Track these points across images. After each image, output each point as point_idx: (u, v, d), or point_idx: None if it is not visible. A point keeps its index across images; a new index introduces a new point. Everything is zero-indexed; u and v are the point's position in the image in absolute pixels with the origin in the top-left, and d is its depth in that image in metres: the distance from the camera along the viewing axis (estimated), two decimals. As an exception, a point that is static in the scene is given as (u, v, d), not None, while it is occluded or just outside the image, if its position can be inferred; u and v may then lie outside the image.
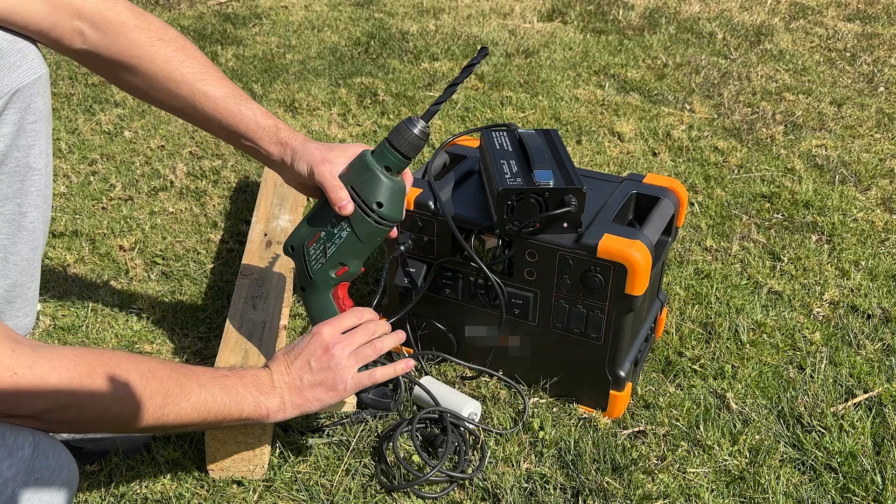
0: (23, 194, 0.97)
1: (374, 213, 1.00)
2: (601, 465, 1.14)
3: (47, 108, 0.98)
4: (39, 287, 1.06)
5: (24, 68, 0.91)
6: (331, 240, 1.02)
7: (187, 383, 0.88)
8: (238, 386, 0.94)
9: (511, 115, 2.38)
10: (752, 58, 2.92)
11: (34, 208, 0.99)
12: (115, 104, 2.36)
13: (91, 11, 0.97)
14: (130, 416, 0.82)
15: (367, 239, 1.02)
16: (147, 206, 1.83)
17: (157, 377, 0.85)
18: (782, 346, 1.41)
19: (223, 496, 1.08)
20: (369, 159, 1.00)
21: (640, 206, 1.27)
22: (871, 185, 1.99)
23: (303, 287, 1.08)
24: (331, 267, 1.04)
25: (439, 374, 1.33)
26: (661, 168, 2.07)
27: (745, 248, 1.71)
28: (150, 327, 1.43)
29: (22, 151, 0.95)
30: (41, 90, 0.95)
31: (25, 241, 1.00)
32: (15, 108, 0.92)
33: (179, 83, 1.03)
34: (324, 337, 1.01)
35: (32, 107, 0.94)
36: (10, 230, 0.98)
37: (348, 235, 1.01)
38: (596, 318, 1.17)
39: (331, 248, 1.02)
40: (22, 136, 0.94)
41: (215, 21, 3.15)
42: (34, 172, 0.97)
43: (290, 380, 0.99)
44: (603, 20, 3.32)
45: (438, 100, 1.04)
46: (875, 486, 1.11)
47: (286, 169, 1.07)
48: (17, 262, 1.00)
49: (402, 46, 2.94)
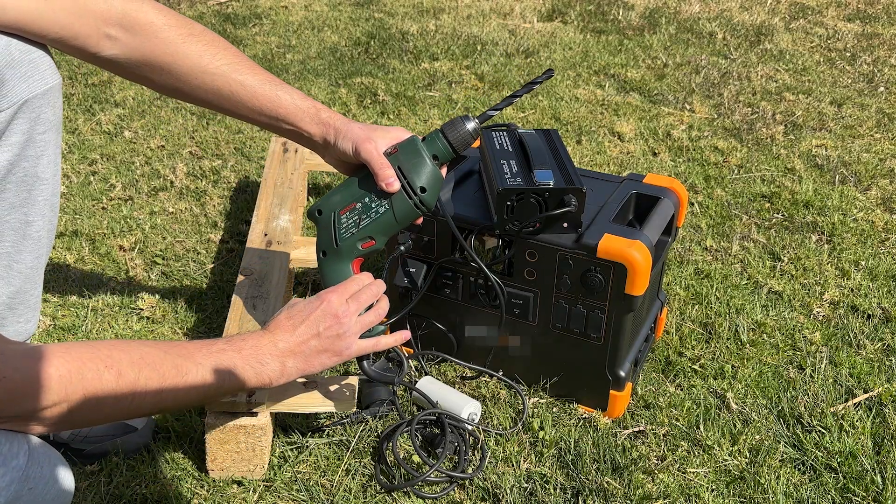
0: (30, 203, 0.97)
1: (416, 196, 1.04)
2: (601, 465, 1.14)
3: (57, 119, 0.97)
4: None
5: (34, 79, 0.91)
6: (367, 213, 1.05)
7: (184, 364, 0.88)
8: (236, 360, 0.95)
9: (511, 115, 2.38)
10: (752, 58, 2.92)
11: (40, 217, 0.99)
12: (115, 104, 2.36)
13: (118, 15, 0.96)
14: (126, 407, 0.82)
15: (402, 219, 1.05)
16: (147, 206, 1.83)
17: (151, 363, 0.85)
18: (782, 346, 1.41)
19: (223, 496, 1.08)
20: (420, 145, 1.04)
21: (640, 206, 1.27)
22: (871, 185, 1.99)
23: (325, 252, 1.09)
24: (360, 238, 1.07)
25: (439, 375, 1.33)
26: (661, 168, 2.07)
27: (745, 248, 1.71)
28: (150, 327, 1.43)
29: (30, 161, 0.95)
30: (52, 101, 0.94)
31: (30, 249, 0.99)
32: (24, 118, 0.91)
33: (215, 76, 1.03)
34: (333, 305, 1.02)
35: (42, 117, 0.94)
36: (15, 238, 0.97)
37: (386, 212, 1.04)
38: (596, 318, 1.17)
39: (365, 220, 1.05)
40: (31, 147, 0.94)
41: (215, 21, 3.15)
42: (41, 182, 0.97)
43: (295, 345, 1.00)
44: (603, 20, 3.32)
45: (496, 106, 1.08)
46: (875, 486, 1.11)
47: (329, 148, 1.08)
48: (21, 269, 0.99)
49: (402, 46, 2.94)
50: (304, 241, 1.51)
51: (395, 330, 1.35)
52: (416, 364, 1.33)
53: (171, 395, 0.86)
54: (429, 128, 2.25)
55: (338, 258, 1.09)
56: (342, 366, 1.35)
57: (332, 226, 1.07)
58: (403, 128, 1.10)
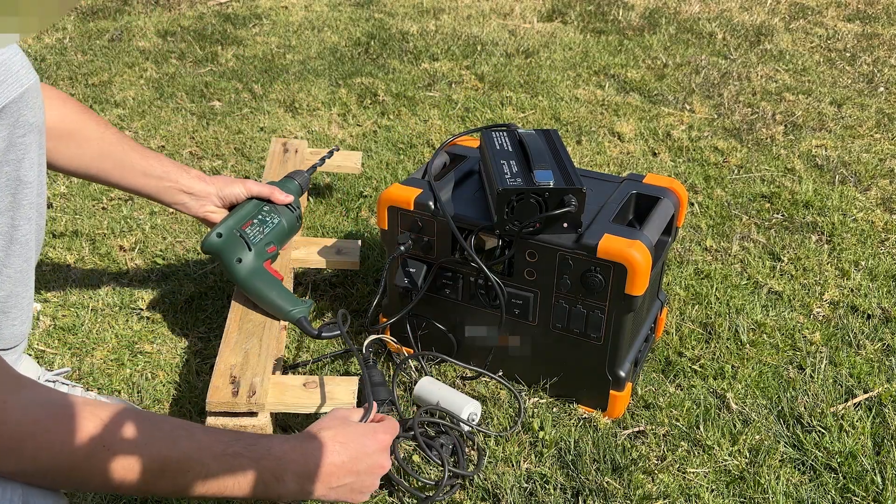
0: (15, 207, 0.96)
1: (297, 210, 1.39)
2: (601, 465, 1.14)
3: (38, 119, 0.95)
4: (40, 287, 1.06)
5: (8, 83, 0.88)
6: (264, 225, 1.33)
7: (190, 465, 0.78)
8: (249, 468, 0.82)
9: (511, 116, 2.38)
10: (752, 58, 2.92)
11: (26, 221, 0.98)
12: (115, 104, 2.36)
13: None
14: (113, 488, 0.74)
15: (290, 228, 1.37)
16: (147, 206, 1.83)
17: (150, 455, 0.75)
18: (782, 346, 1.41)
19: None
20: (285, 182, 1.42)
21: (640, 206, 1.27)
22: (871, 186, 1.99)
23: (240, 258, 1.29)
24: (266, 243, 1.32)
25: (439, 375, 1.33)
26: (661, 168, 2.07)
27: (745, 248, 1.71)
28: (150, 327, 1.43)
29: (12, 166, 0.93)
30: (30, 102, 0.92)
31: (18, 253, 0.99)
32: (2, 124, 0.89)
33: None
34: (384, 453, 0.93)
35: (21, 120, 0.92)
36: (3, 243, 0.96)
37: (279, 222, 1.35)
38: (596, 318, 1.17)
39: (266, 229, 1.33)
40: (11, 151, 0.92)
41: (215, 21, 3.15)
42: (25, 186, 0.96)
43: (325, 475, 0.87)
44: (603, 20, 3.32)
45: (311, 168, 1.48)
46: (875, 486, 1.11)
47: (209, 199, 1.30)
48: (10, 274, 0.99)
49: (402, 46, 2.94)
50: (304, 241, 1.51)
51: (395, 330, 1.36)
52: (416, 364, 1.33)
53: (163, 489, 0.78)
54: (429, 128, 2.25)
55: (253, 259, 1.29)
56: (342, 365, 1.35)
57: (238, 238, 1.29)
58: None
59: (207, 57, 2.77)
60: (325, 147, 2.13)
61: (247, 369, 1.15)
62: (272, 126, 2.26)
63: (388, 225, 1.28)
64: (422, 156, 2.10)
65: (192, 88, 2.48)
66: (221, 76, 2.61)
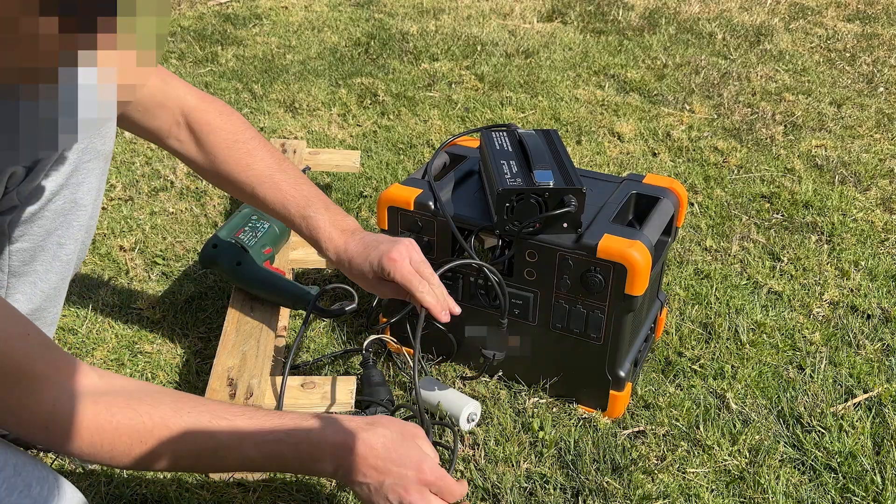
0: (65, 226, 0.97)
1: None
2: (601, 465, 1.14)
3: (107, 149, 0.98)
4: None
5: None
6: (256, 230, 1.41)
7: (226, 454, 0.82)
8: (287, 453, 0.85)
9: (511, 116, 2.38)
10: (751, 58, 2.92)
11: (73, 241, 0.99)
12: (115, 104, 2.36)
13: (188, 109, 1.07)
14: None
15: (281, 232, 1.45)
16: (147, 206, 1.83)
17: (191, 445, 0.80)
18: (782, 346, 1.41)
19: (223, 496, 1.08)
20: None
21: (640, 207, 1.27)
22: (871, 186, 1.99)
23: (238, 262, 1.33)
24: (261, 246, 1.39)
25: (439, 375, 1.33)
26: (661, 168, 2.07)
27: (744, 249, 1.71)
28: (150, 327, 1.43)
29: (72, 189, 0.95)
30: (102, 131, 0.96)
31: (57, 270, 1.00)
32: (75, 148, 0.92)
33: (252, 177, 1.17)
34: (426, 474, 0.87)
35: (90, 147, 0.95)
36: (46, 260, 0.97)
37: (270, 227, 1.42)
38: (596, 318, 1.17)
39: (259, 233, 1.41)
40: (75, 175, 0.94)
41: (215, 21, 3.15)
42: (80, 208, 0.97)
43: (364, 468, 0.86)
44: (603, 20, 3.32)
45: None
46: (875, 486, 1.11)
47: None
48: (44, 289, 1.00)
49: (402, 47, 2.94)
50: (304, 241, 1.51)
51: (395, 330, 1.36)
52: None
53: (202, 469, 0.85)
54: (429, 128, 2.26)
55: (252, 260, 1.34)
56: (342, 365, 1.35)
57: (233, 245, 1.35)
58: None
59: (207, 57, 2.77)
60: (325, 147, 2.13)
61: (244, 371, 1.15)
62: (272, 126, 2.26)
63: (388, 225, 1.28)
64: (422, 156, 2.10)
65: (192, 88, 2.48)
66: (221, 76, 2.61)
